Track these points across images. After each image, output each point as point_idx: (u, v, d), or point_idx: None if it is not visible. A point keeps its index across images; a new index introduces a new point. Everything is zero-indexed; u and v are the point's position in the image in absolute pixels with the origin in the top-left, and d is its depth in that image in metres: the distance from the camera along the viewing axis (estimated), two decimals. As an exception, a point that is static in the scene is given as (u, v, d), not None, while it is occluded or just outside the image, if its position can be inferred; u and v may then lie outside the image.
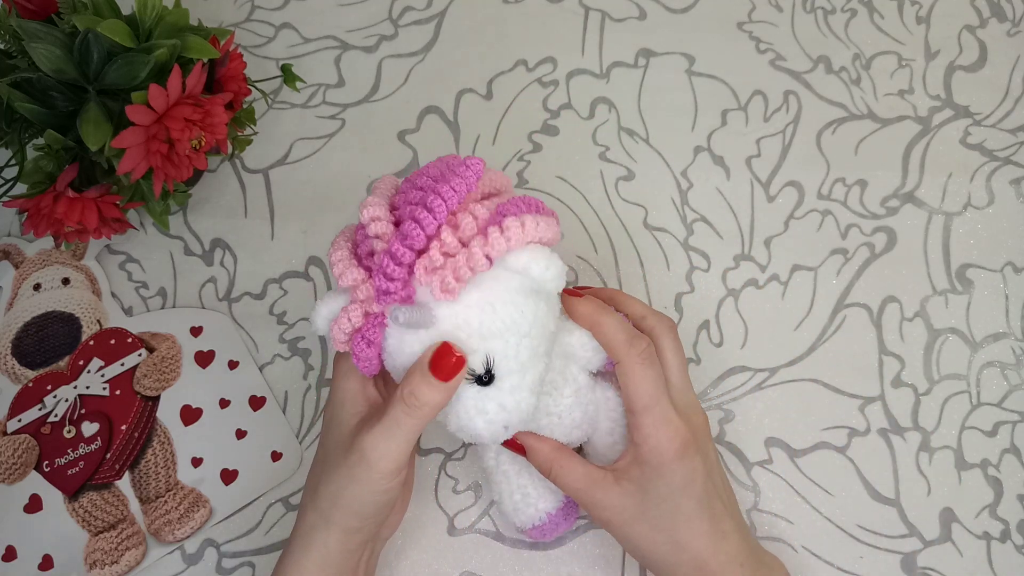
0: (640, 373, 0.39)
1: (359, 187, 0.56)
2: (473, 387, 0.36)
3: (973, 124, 0.56)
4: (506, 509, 0.44)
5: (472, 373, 0.35)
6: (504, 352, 0.36)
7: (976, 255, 0.53)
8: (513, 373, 0.36)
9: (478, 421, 0.36)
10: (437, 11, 0.61)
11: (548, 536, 0.44)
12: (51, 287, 0.53)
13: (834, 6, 0.60)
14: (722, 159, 0.56)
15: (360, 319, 0.36)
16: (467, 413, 0.36)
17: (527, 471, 0.44)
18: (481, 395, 0.36)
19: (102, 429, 0.50)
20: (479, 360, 0.35)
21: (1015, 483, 0.48)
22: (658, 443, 0.38)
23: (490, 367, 0.35)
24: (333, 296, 0.38)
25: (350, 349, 0.37)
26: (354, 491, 0.38)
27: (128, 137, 0.42)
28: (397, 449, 0.36)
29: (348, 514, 0.38)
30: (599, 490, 0.39)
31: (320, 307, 0.38)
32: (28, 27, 0.43)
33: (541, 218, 0.36)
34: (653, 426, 0.38)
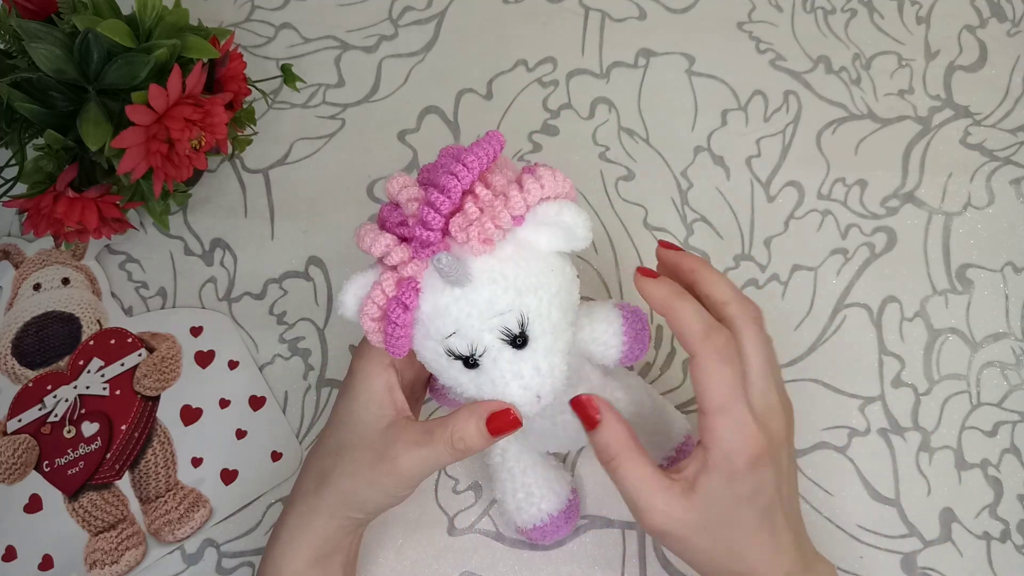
0: (715, 370, 0.35)
1: (359, 187, 0.56)
2: (507, 351, 0.35)
3: (973, 124, 0.56)
4: (508, 508, 0.44)
5: (507, 334, 0.35)
6: (538, 310, 0.35)
7: (976, 255, 0.53)
8: (546, 334, 0.36)
9: (513, 386, 0.35)
10: (437, 11, 0.61)
11: (548, 538, 0.44)
12: (51, 287, 0.53)
13: (834, 6, 0.60)
14: (722, 159, 0.56)
15: (393, 287, 0.35)
16: (502, 378, 0.35)
17: (532, 470, 0.44)
18: (516, 358, 0.35)
19: (102, 429, 0.50)
20: (513, 319, 0.35)
21: (1015, 483, 0.48)
22: (730, 450, 0.35)
23: (524, 327, 0.35)
24: (360, 275, 0.37)
25: (382, 322, 0.36)
26: (373, 495, 0.39)
27: (128, 137, 0.42)
28: (429, 472, 0.38)
29: (355, 509, 0.39)
30: (661, 499, 0.36)
31: (348, 287, 0.36)
32: (28, 27, 0.43)
33: (562, 173, 0.36)
34: (726, 430, 0.35)
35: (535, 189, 0.35)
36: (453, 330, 0.35)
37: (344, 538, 0.40)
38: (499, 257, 0.35)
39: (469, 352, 0.35)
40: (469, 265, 0.35)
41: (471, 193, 0.35)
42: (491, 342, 0.35)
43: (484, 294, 0.35)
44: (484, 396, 0.36)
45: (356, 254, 0.54)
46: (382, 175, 0.56)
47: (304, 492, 0.40)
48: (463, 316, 0.35)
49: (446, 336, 0.35)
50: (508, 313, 0.35)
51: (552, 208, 0.35)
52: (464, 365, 0.36)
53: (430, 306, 0.35)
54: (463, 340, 0.35)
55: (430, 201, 0.34)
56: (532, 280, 0.35)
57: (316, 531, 0.39)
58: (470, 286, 0.35)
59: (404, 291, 0.35)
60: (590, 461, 0.48)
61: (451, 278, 0.34)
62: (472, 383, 0.36)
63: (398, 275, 0.35)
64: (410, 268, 0.35)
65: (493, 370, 0.35)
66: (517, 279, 0.35)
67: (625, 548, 0.47)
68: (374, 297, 0.35)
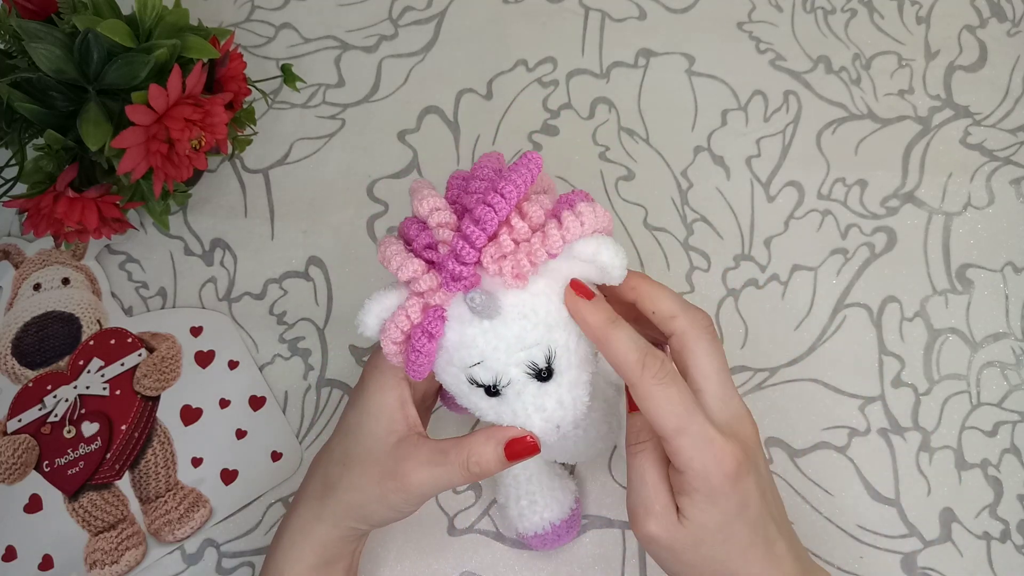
0: (659, 395, 0.34)
1: (359, 187, 0.56)
2: (532, 384, 0.35)
3: (973, 124, 0.56)
4: (511, 514, 0.44)
5: (533, 367, 0.35)
6: (565, 345, 0.35)
7: (976, 255, 0.53)
8: (572, 368, 0.35)
9: (535, 419, 0.35)
10: (437, 11, 0.61)
11: (549, 546, 0.45)
12: (51, 287, 0.53)
13: (834, 6, 0.60)
14: (722, 159, 0.56)
15: (419, 314, 0.34)
16: (525, 410, 0.35)
17: (537, 478, 0.44)
18: (541, 391, 0.35)
19: (102, 429, 0.50)
20: (541, 354, 0.34)
21: (1015, 483, 0.48)
22: (704, 467, 0.34)
23: (551, 362, 0.35)
24: (384, 294, 0.36)
25: (404, 349, 0.35)
26: (379, 509, 0.38)
27: (128, 137, 0.42)
28: (438, 491, 0.38)
29: (360, 520, 0.39)
30: (661, 508, 0.36)
31: (371, 306, 0.35)
32: (28, 27, 0.43)
33: (601, 207, 0.35)
34: (693, 448, 0.34)
35: (575, 227, 0.34)
36: (478, 360, 0.34)
37: (347, 546, 0.40)
38: (531, 292, 0.34)
39: (493, 383, 0.35)
40: (499, 298, 0.34)
41: (506, 223, 0.34)
42: (516, 376, 0.34)
43: (513, 329, 0.34)
44: (503, 423, 0.36)
45: (356, 254, 0.54)
46: (382, 175, 0.56)
47: (308, 498, 0.40)
48: (490, 349, 0.34)
49: (470, 365, 0.35)
50: (535, 348, 0.34)
51: (590, 246, 0.34)
52: (486, 393, 0.35)
53: (456, 336, 0.34)
54: (488, 371, 0.34)
55: (465, 235, 0.33)
56: (563, 316, 0.35)
57: (319, 538, 0.39)
58: (499, 319, 0.34)
59: (430, 320, 0.34)
60: (588, 462, 0.48)
61: (482, 314, 0.33)
62: (492, 410, 0.36)
63: (424, 302, 0.34)
64: (438, 297, 0.34)
65: (516, 402, 0.35)
66: (548, 315, 0.34)
67: (625, 548, 0.47)
68: (398, 322, 0.34)
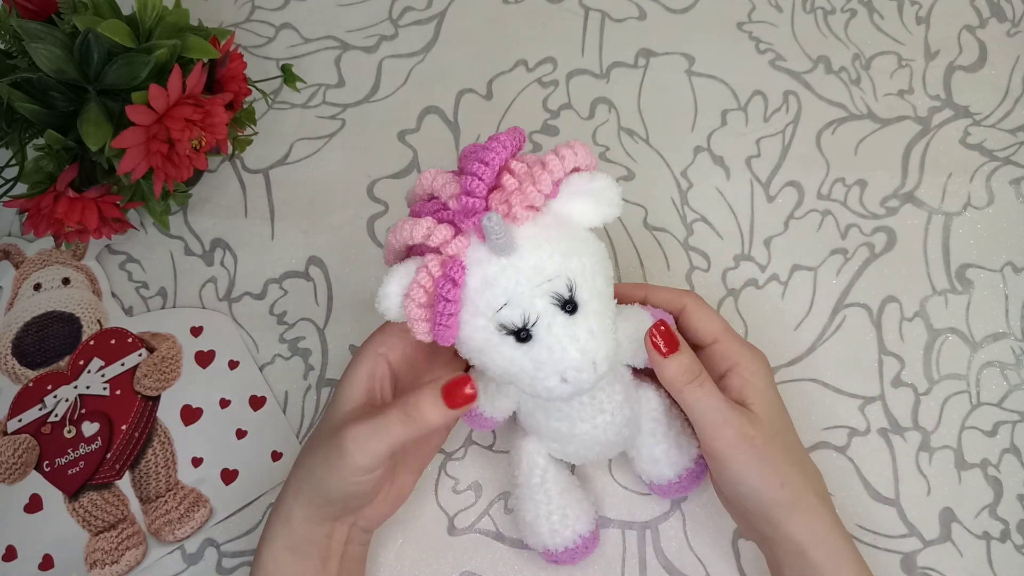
0: (707, 306, 0.43)
1: (359, 187, 0.56)
2: (560, 316, 0.36)
3: (973, 124, 0.56)
4: (541, 530, 0.43)
5: (558, 298, 0.36)
6: (583, 274, 0.36)
7: (976, 255, 0.53)
8: (594, 299, 0.36)
9: (571, 350, 0.35)
10: (437, 11, 0.61)
11: (575, 560, 0.44)
12: (51, 287, 0.53)
13: (834, 6, 0.60)
14: (722, 159, 0.56)
15: (439, 268, 0.35)
16: (559, 343, 0.35)
17: (568, 492, 0.44)
18: (570, 323, 0.36)
19: (102, 429, 0.50)
20: (562, 284, 0.36)
21: (1015, 483, 0.48)
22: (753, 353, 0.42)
23: (573, 292, 0.36)
24: (401, 266, 0.37)
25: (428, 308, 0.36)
26: (323, 474, 0.38)
27: (128, 137, 0.42)
28: (376, 449, 0.37)
29: (313, 491, 0.39)
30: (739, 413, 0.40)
31: (390, 278, 0.36)
32: (28, 27, 0.43)
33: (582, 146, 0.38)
34: (742, 345, 0.42)
35: (569, 155, 0.36)
36: (504, 301, 0.35)
37: (316, 529, 0.40)
38: (541, 225, 0.36)
39: (522, 322, 0.35)
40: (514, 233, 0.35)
41: (506, 170, 0.36)
42: (544, 308, 0.35)
43: (531, 260, 0.35)
44: (542, 369, 0.36)
45: (356, 254, 0.54)
46: (382, 175, 0.56)
47: (284, 486, 0.41)
48: (512, 284, 0.35)
49: (497, 309, 0.35)
50: (556, 279, 0.36)
51: (584, 176, 0.37)
52: (516, 340, 0.36)
53: (478, 280, 0.35)
54: (515, 310, 0.35)
55: (472, 171, 0.36)
56: (575, 245, 0.37)
57: (288, 519, 0.39)
58: (516, 254, 0.35)
59: (451, 267, 0.35)
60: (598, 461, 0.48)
61: (499, 241, 0.34)
62: (526, 357, 0.36)
63: (442, 257, 0.36)
64: (454, 246, 0.36)
65: (548, 337, 0.35)
66: (561, 243, 0.36)
67: (625, 548, 0.47)
68: (420, 280, 0.35)
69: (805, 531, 0.39)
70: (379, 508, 0.42)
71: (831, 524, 0.39)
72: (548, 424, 0.42)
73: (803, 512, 0.39)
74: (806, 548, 0.38)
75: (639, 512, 0.47)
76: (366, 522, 0.42)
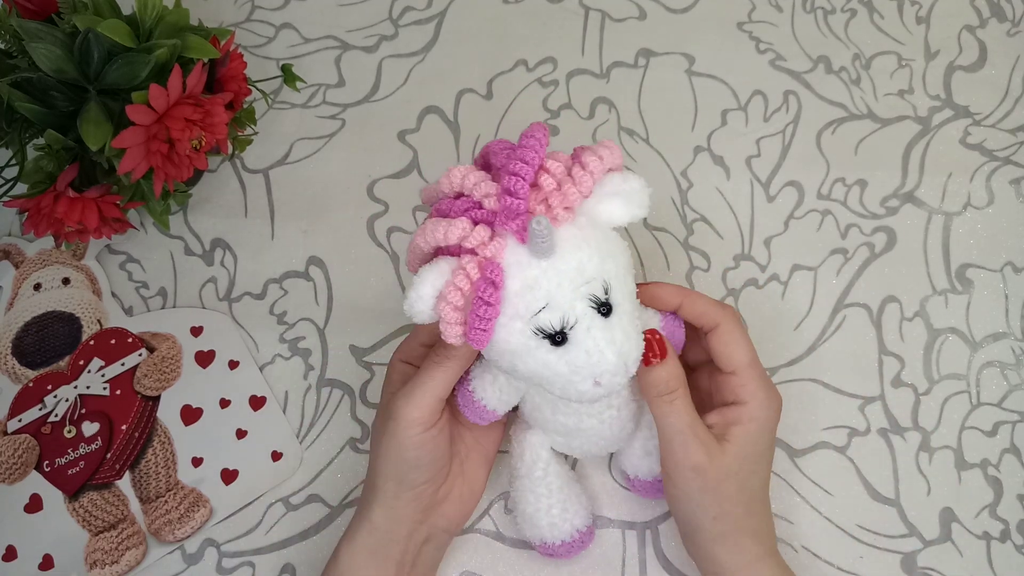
0: (741, 333, 0.41)
1: (359, 187, 0.56)
2: (599, 319, 0.35)
3: (973, 124, 0.56)
4: (540, 523, 0.44)
5: (596, 301, 0.35)
6: (616, 276, 0.36)
7: (976, 255, 0.53)
8: (626, 300, 0.37)
9: (608, 353, 0.35)
10: (437, 11, 0.61)
11: (571, 554, 0.44)
12: (51, 287, 0.53)
13: (834, 6, 0.60)
14: (722, 159, 0.56)
15: (477, 270, 0.35)
16: (597, 347, 0.35)
17: (568, 486, 0.44)
18: (606, 325, 0.35)
19: (102, 429, 0.50)
20: (599, 286, 0.35)
21: (1015, 483, 0.48)
22: (766, 399, 0.40)
23: (608, 294, 0.36)
24: (432, 267, 0.35)
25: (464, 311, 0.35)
26: (386, 448, 0.40)
27: (128, 137, 0.42)
28: (422, 398, 0.39)
29: (385, 477, 0.40)
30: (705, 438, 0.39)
31: (424, 278, 0.35)
32: (28, 27, 0.43)
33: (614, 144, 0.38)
34: (760, 381, 0.40)
35: (607, 156, 0.36)
36: (544, 303, 0.35)
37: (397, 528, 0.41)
38: (578, 226, 0.36)
39: (561, 325, 0.35)
40: (554, 235, 0.35)
41: (543, 169, 0.36)
42: (583, 311, 0.35)
43: (572, 262, 0.35)
44: (578, 373, 0.36)
45: (356, 254, 0.54)
46: (382, 175, 0.56)
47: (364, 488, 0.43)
48: (554, 287, 0.35)
49: (536, 312, 0.35)
50: (594, 281, 0.35)
51: (619, 177, 0.37)
52: (552, 343, 0.35)
53: (518, 282, 0.35)
54: (555, 313, 0.35)
55: (514, 171, 0.35)
56: (609, 247, 0.37)
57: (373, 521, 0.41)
58: (556, 256, 0.35)
59: (491, 269, 0.34)
60: (588, 461, 0.48)
61: (544, 244, 0.34)
62: (562, 360, 0.35)
63: (479, 258, 0.35)
64: (492, 248, 0.35)
65: (587, 340, 0.35)
66: (599, 245, 0.36)
67: (625, 548, 0.47)
68: (458, 282, 0.34)
69: (726, 558, 0.40)
70: (456, 505, 0.43)
71: (758, 556, 0.40)
72: (555, 419, 0.42)
73: (727, 545, 0.40)
74: (724, 572, 0.40)
75: (639, 512, 0.47)
76: (446, 521, 0.43)
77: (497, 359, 0.37)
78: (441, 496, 0.42)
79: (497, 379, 0.41)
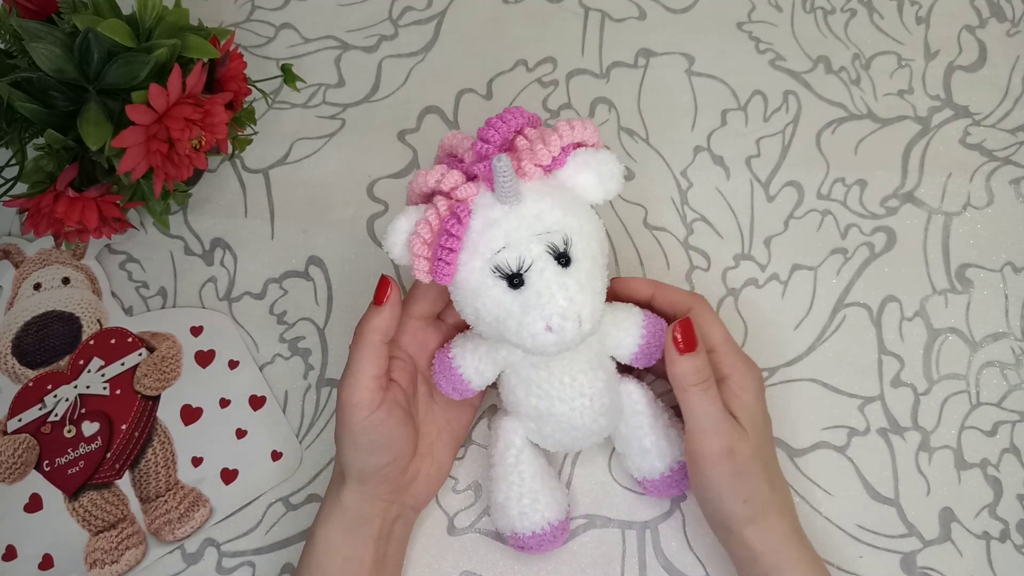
0: (713, 313, 0.43)
1: (359, 187, 0.56)
2: (553, 265, 0.37)
3: (973, 124, 0.56)
4: (510, 512, 0.44)
5: (554, 249, 0.38)
6: (580, 233, 0.38)
7: (976, 255, 0.53)
8: (587, 259, 0.39)
9: (559, 296, 0.37)
10: (437, 11, 0.61)
11: (542, 548, 0.44)
12: (51, 287, 0.53)
13: (834, 6, 0.60)
14: (722, 159, 0.56)
15: (447, 209, 0.38)
16: (548, 289, 0.37)
17: (540, 476, 0.44)
18: (561, 272, 0.38)
19: (102, 428, 0.50)
20: (559, 238, 0.38)
21: (1015, 483, 0.48)
22: (747, 370, 0.42)
23: (568, 247, 0.38)
24: (408, 210, 0.39)
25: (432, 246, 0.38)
26: (341, 437, 0.41)
27: (128, 137, 0.42)
28: (357, 380, 0.40)
29: (347, 464, 0.42)
30: (732, 423, 0.41)
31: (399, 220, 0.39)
32: (28, 27, 0.43)
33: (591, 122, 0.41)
34: (739, 356, 0.43)
35: (578, 126, 0.39)
36: (503, 244, 0.37)
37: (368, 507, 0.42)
38: (546, 183, 0.39)
39: (517, 266, 0.37)
40: (521, 187, 0.38)
41: (520, 134, 0.40)
42: (539, 254, 0.37)
43: (533, 209, 0.38)
44: (528, 313, 0.37)
45: (356, 254, 0.54)
46: (382, 175, 0.56)
47: (332, 477, 0.44)
48: (512, 228, 0.37)
49: (496, 251, 0.37)
50: (555, 232, 0.38)
51: (591, 151, 0.40)
52: (509, 285, 0.38)
53: (481, 221, 0.38)
54: (512, 252, 0.37)
55: (488, 123, 0.39)
56: (576, 208, 0.39)
57: (343, 502, 0.42)
58: (520, 204, 0.38)
59: (458, 207, 0.38)
60: (588, 461, 0.48)
61: (506, 184, 0.37)
62: (516, 302, 0.38)
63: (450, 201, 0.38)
64: (463, 191, 0.38)
65: (539, 282, 0.37)
66: (563, 201, 0.39)
67: (625, 548, 0.47)
68: (428, 217, 0.38)
69: (757, 541, 0.41)
70: (423, 484, 0.44)
71: (784, 534, 0.41)
72: (527, 401, 0.42)
73: (758, 526, 0.41)
74: (757, 555, 0.40)
75: (639, 512, 0.47)
76: (413, 500, 0.44)
77: (461, 302, 0.39)
78: (410, 476, 0.44)
79: (478, 348, 0.42)
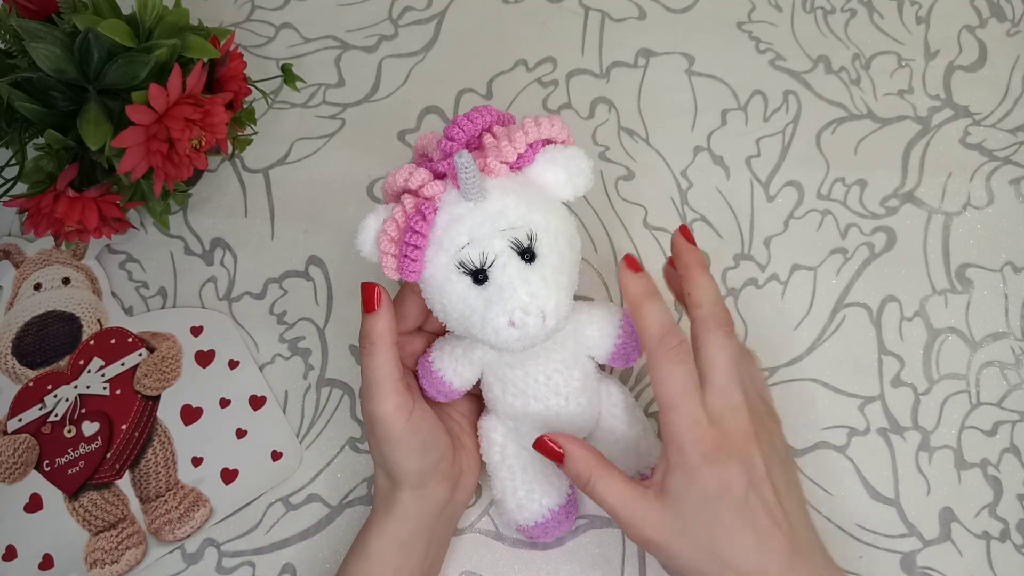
0: (667, 370, 0.37)
1: (359, 187, 0.56)
2: (516, 260, 0.38)
3: (973, 124, 0.56)
4: (508, 507, 0.44)
5: (517, 244, 0.38)
6: (545, 230, 0.38)
7: (976, 255, 0.53)
8: (553, 254, 0.38)
9: (521, 291, 0.37)
10: (437, 11, 0.61)
11: (549, 535, 0.44)
12: (51, 287, 0.53)
13: (834, 6, 0.60)
14: (722, 159, 0.56)
15: (413, 207, 0.38)
16: (511, 284, 0.37)
17: (531, 468, 0.44)
18: (524, 267, 0.38)
19: (102, 428, 0.50)
20: (523, 233, 0.38)
21: (1015, 483, 0.48)
22: (682, 444, 0.37)
23: (532, 243, 0.38)
24: (377, 208, 0.40)
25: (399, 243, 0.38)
26: (390, 452, 0.41)
27: (128, 137, 0.42)
28: (381, 389, 0.40)
29: (403, 470, 0.41)
30: (640, 507, 0.38)
31: (368, 218, 0.40)
32: (28, 27, 0.43)
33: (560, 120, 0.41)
34: (678, 424, 0.37)
35: (545, 123, 0.39)
36: (467, 240, 0.38)
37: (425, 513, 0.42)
38: (513, 180, 0.39)
39: (480, 261, 0.37)
40: (486, 183, 0.38)
41: (487, 131, 0.40)
42: (501, 249, 0.37)
43: (497, 205, 0.38)
44: (491, 309, 0.38)
45: (356, 254, 0.54)
46: (382, 175, 0.56)
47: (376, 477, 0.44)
48: (476, 224, 0.38)
49: (460, 247, 0.38)
50: (519, 228, 0.38)
51: (559, 147, 0.40)
52: (473, 281, 0.38)
53: (446, 218, 0.38)
54: (476, 248, 0.37)
55: (455, 121, 0.40)
56: (542, 204, 0.39)
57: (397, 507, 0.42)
58: (485, 201, 0.38)
59: (424, 205, 0.38)
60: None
61: (469, 180, 0.37)
62: (480, 297, 0.38)
63: (417, 199, 0.39)
64: (429, 188, 0.39)
65: (502, 277, 0.38)
66: (528, 198, 0.39)
67: (625, 548, 0.47)
68: (395, 215, 0.39)
69: None
70: (469, 475, 0.45)
71: None
72: (504, 399, 0.43)
73: None
74: None
75: (639, 512, 0.47)
76: (465, 493, 0.45)
77: (429, 299, 0.40)
78: (458, 468, 0.44)
79: (455, 350, 0.43)
